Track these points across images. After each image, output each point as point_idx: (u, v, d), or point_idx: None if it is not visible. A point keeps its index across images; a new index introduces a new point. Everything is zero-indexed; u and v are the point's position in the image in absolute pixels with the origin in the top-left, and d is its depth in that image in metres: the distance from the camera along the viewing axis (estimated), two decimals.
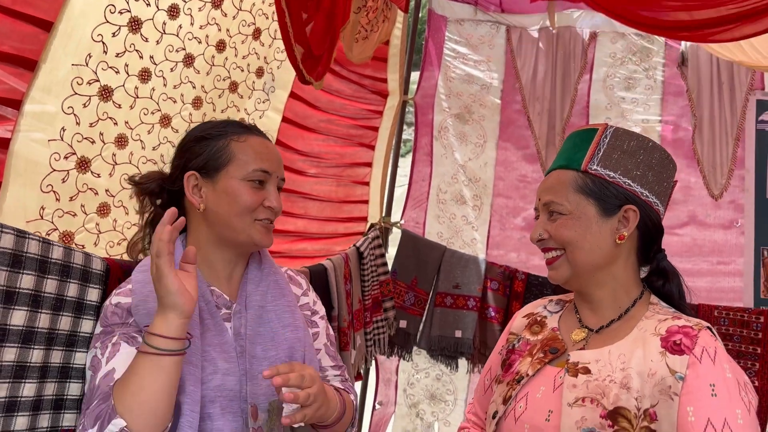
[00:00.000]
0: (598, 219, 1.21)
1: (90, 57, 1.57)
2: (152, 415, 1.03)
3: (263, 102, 2.33)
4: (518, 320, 1.42)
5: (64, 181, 1.55)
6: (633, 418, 1.09)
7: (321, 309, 1.47)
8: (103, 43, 1.60)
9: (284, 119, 2.48)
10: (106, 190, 1.70)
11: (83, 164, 1.61)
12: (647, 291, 1.27)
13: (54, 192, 1.52)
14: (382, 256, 3.15)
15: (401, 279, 3.31)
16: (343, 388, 1.44)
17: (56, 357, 1.11)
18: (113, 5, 1.59)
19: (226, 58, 2.06)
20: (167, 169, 1.37)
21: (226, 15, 1.98)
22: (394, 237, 3.39)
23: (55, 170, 1.53)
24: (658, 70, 3.27)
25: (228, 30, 2.01)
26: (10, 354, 1.02)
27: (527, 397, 1.22)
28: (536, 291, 3.24)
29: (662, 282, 1.27)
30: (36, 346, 1.07)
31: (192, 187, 1.27)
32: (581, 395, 1.14)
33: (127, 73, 1.69)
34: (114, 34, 1.61)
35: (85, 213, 1.63)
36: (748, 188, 3.03)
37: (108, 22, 1.59)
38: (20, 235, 1.02)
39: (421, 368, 3.41)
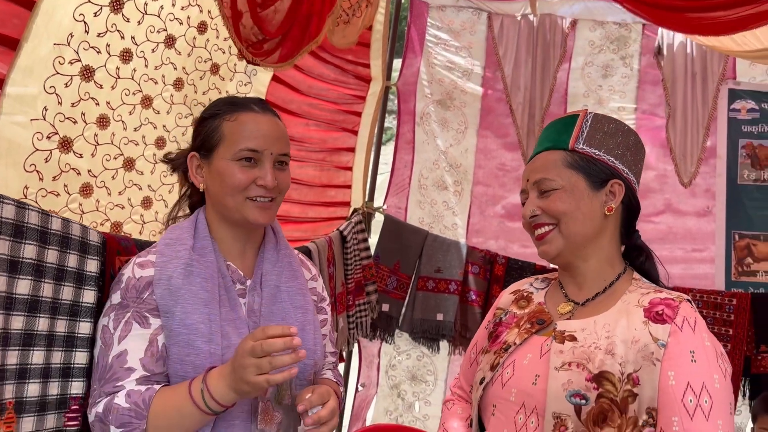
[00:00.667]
0: (588, 192, 1.27)
1: (72, 37, 1.56)
2: None
3: (245, 85, 2.34)
4: (505, 296, 1.47)
5: (47, 161, 1.55)
6: (617, 382, 1.15)
7: (327, 296, 1.51)
8: (85, 22, 1.59)
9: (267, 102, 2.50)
10: (89, 171, 1.71)
11: (65, 144, 1.61)
12: (629, 267, 1.33)
13: (37, 171, 1.52)
14: (365, 240, 3.18)
15: (384, 263, 3.35)
16: (335, 380, 1.48)
17: (61, 326, 1.14)
18: None
19: (208, 40, 2.05)
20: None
21: None
22: (377, 222, 3.43)
23: (38, 149, 1.52)
24: (634, 58, 3.34)
25: (210, 12, 2.01)
26: (18, 322, 1.04)
27: (514, 364, 1.27)
28: (516, 275, 3.30)
29: (642, 258, 1.34)
30: (41, 315, 1.09)
31: (195, 167, 1.30)
32: (567, 360, 1.19)
33: (109, 54, 1.69)
34: (96, 14, 1.61)
35: (68, 193, 1.63)
36: (720, 174, 3.14)
37: (90, 1, 1.58)
38: (20, 206, 1.04)
39: (403, 350, 3.46)
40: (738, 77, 3.26)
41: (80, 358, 1.18)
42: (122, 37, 1.71)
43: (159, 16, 1.81)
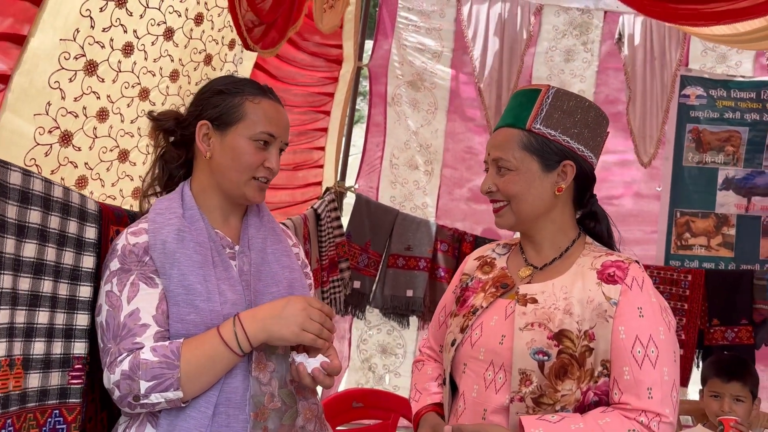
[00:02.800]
0: (540, 174, 1.37)
1: (78, 32, 1.59)
2: (202, 390, 1.23)
3: (232, 74, 2.38)
4: (470, 262, 1.57)
5: (46, 155, 1.59)
6: (575, 339, 1.27)
7: (308, 264, 1.59)
8: (91, 18, 1.61)
9: None
10: (85, 163, 1.74)
11: (66, 138, 1.64)
12: (583, 233, 1.45)
13: (36, 165, 1.56)
14: (338, 218, 3.27)
15: (355, 241, 3.44)
16: None
17: (63, 289, 1.20)
18: None
19: (203, 31, 2.09)
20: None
21: None
22: (348, 201, 3.52)
23: (39, 144, 1.56)
24: (595, 44, 3.48)
25: (206, 3, 2.05)
26: (25, 283, 1.09)
27: (482, 326, 1.38)
28: None
29: (593, 224, 1.46)
30: (46, 278, 1.15)
31: (202, 135, 1.35)
32: (530, 321, 1.31)
33: (112, 48, 1.71)
34: (101, 9, 1.63)
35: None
36: (668, 157, 3.35)
37: None
38: (26, 173, 1.09)
39: (374, 325, 3.57)
40: (690, 64, 3.43)
41: (81, 320, 1.23)
42: (125, 31, 1.74)
43: (159, 9, 1.84)
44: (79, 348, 1.23)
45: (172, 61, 1.98)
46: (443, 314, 1.60)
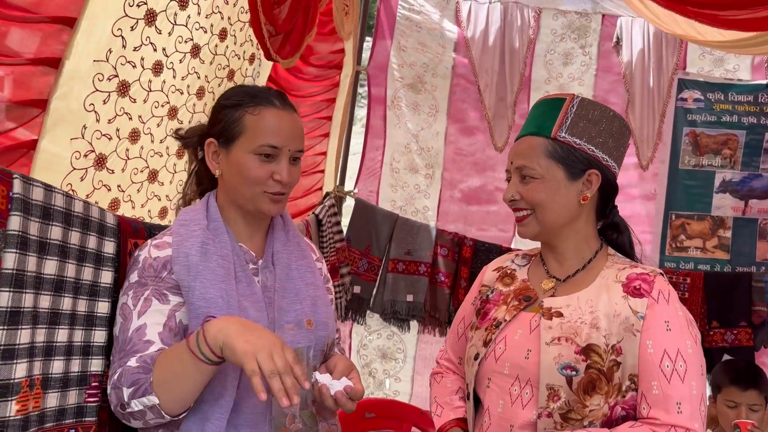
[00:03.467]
0: (566, 182, 1.35)
1: (110, 52, 1.57)
2: (181, 400, 1.15)
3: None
4: (489, 273, 1.55)
5: (82, 179, 1.59)
6: (603, 353, 1.26)
7: (330, 278, 1.56)
8: (123, 37, 1.60)
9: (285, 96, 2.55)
10: (118, 186, 1.74)
11: (100, 161, 1.64)
12: (605, 244, 1.44)
13: (72, 190, 1.56)
14: (338, 223, 3.25)
15: (355, 246, 3.42)
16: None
17: (82, 306, 1.17)
18: None
19: (227, 47, 2.08)
20: None
21: (228, 2, 2.00)
22: (348, 205, 3.49)
23: (75, 169, 1.56)
24: (593, 47, 3.48)
25: (229, 18, 2.03)
26: (45, 301, 1.07)
27: (506, 340, 1.36)
28: (483, 257, 3.42)
29: (616, 235, 1.45)
30: (66, 295, 1.13)
31: (211, 153, 1.33)
32: (557, 335, 1.29)
33: (143, 67, 1.70)
34: (132, 27, 1.62)
35: None
36: (664, 160, 3.36)
37: (127, 15, 1.59)
38: (48, 188, 1.07)
39: (374, 330, 3.55)
40: (687, 68, 3.44)
41: (99, 336, 1.21)
42: (155, 50, 1.72)
43: (186, 26, 1.83)
44: (96, 365, 1.21)
45: (199, 78, 1.97)
46: (462, 326, 1.58)
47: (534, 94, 3.47)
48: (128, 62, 1.65)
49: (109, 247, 1.23)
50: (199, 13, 1.87)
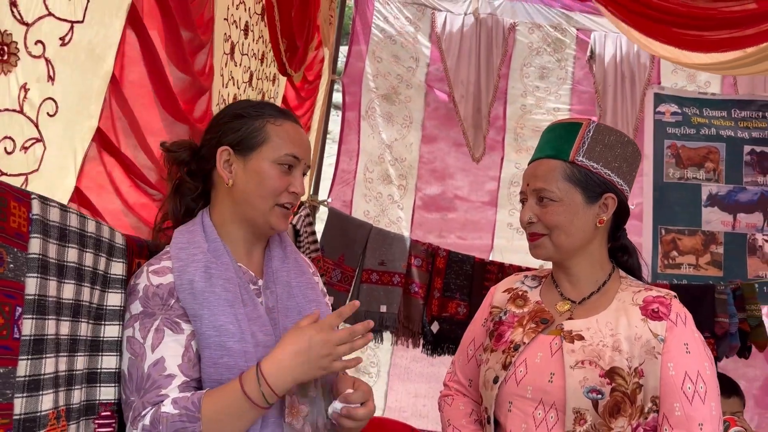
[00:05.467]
0: (583, 205, 1.35)
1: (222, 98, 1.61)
2: None
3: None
4: (498, 295, 1.54)
5: None
6: (626, 376, 1.26)
7: (326, 294, 1.53)
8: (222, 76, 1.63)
9: None
10: None
11: None
12: (616, 267, 1.44)
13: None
14: (314, 233, 3.18)
15: (328, 256, 3.36)
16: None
17: (93, 331, 1.10)
18: (225, 33, 1.62)
19: (263, 70, 2.11)
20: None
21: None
22: (321, 215, 3.43)
23: None
24: (569, 61, 3.54)
25: (267, 39, 2.05)
26: (65, 328, 1.01)
27: (526, 363, 1.34)
28: (456, 267, 3.42)
29: (626, 257, 1.46)
30: (82, 320, 1.06)
31: (224, 161, 1.27)
32: (580, 358, 1.28)
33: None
34: (225, 65, 1.69)
35: None
36: (647, 173, 3.40)
37: (223, 52, 1.63)
38: (63, 208, 1.00)
39: None
40: (662, 82, 3.54)
41: (108, 362, 1.14)
42: (233, 83, 1.76)
43: (247, 55, 1.86)
44: (105, 393, 1.12)
45: None
46: (473, 347, 1.55)
47: (510, 107, 3.50)
48: (223, 101, 1.68)
49: (118, 268, 1.15)
50: (255, 40, 1.92)
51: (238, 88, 1.81)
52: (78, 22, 1.19)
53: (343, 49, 3.53)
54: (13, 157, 1.08)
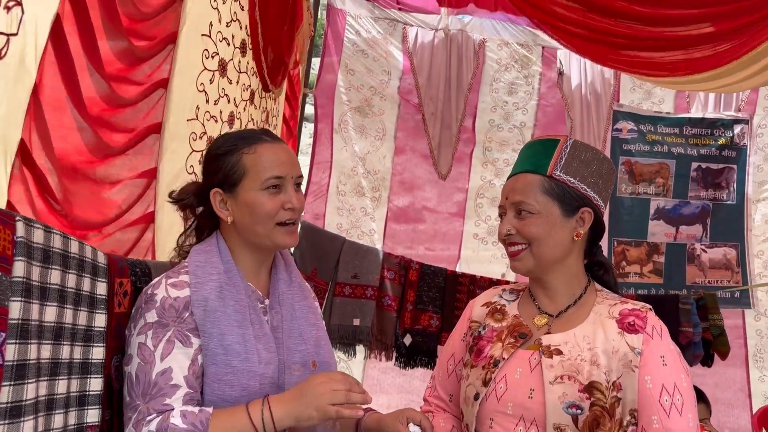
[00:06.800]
0: (561, 219, 1.39)
1: (198, 109, 1.57)
2: None
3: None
4: (477, 309, 1.55)
5: None
6: (605, 390, 1.28)
7: (322, 318, 1.58)
8: (205, 92, 1.59)
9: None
10: None
11: None
12: (591, 280, 1.47)
13: None
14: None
15: (301, 270, 3.29)
16: None
17: (78, 353, 1.10)
18: (207, 49, 1.58)
19: (259, 86, 2.11)
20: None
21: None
22: None
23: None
24: (535, 78, 3.62)
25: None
26: (47, 351, 1.00)
27: (506, 379, 1.36)
28: (429, 280, 3.44)
29: (602, 272, 1.49)
30: (64, 342, 1.06)
31: (218, 202, 1.33)
32: (559, 373, 1.30)
33: (222, 120, 1.70)
34: (210, 80, 1.61)
35: None
36: None
37: (205, 68, 1.58)
38: (47, 229, 1.00)
39: None
40: (621, 100, 3.65)
41: (95, 384, 1.15)
42: (228, 101, 1.73)
43: (246, 73, 1.84)
44: (92, 416, 1.13)
45: (254, 125, 2.04)
46: (452, 362, 1.56)
47: (479, 121, 3.55)
48: (212, 117, 1.66)
49: (101, 288, 1.16)
50: (252, 57, 1.91)
51: (236, 106, 1.79)
52: (13, 35, 1.20)
53: (315, 62, 3.54)
54: None
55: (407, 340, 3.37)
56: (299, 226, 1.38)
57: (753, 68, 2.31)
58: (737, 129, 3.60)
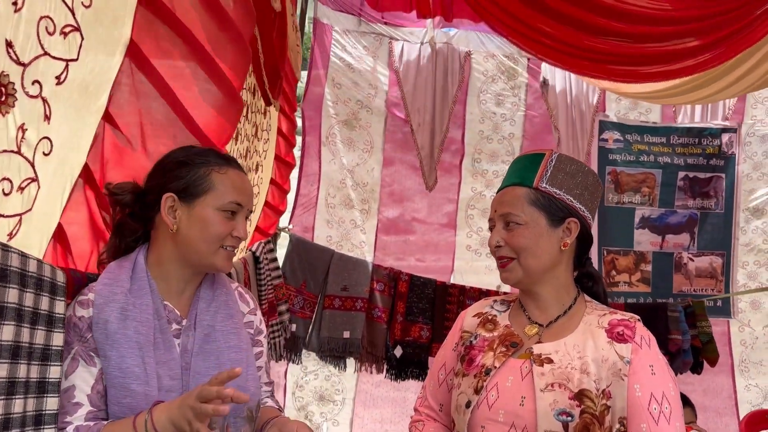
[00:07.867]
0: (547, 229, 1.41)
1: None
2: None
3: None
4: (468, 319, 1.56)
5: None
6: (595, 398, 1.29)
7: (264, 329, 1.55)
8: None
9: None
10: None
11: None
12: (581, 291, 1.49)
13: None
14: (275, 259, 3.16)
15: (290, 283, 3.34)
16: (277, 407, 1.53)
17: (35, 372, 1.11)
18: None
19: (255, 104, 2.15)
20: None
21: None
22: (282, 242, 3.41)
23: None
24: (522, 89, 3.65)
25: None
26: (3, 370, 1.01)
27: (497, 387, 1.37)
28: (418, 291, 3.45)
29: (591, 283, 1.51)
30: (21, 361, 1.06)
31: (168, 207, 1.30)
32: (550, 381, 1.31)
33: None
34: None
35: None
36: None
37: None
38: (5, 248, 1.01)
39: (310, 370, 3.47)
40: (606, 110, 3.69)
41: (51, 404, 1.14)
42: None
43: (245, 88, 1.85)
44: None
45: (248, 139, 2.12)
46: (443, 372, 1.57)
47: (468, 133, 3.58)
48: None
49: (60, 307, 1.17)
50: (253, 72, 1.94)
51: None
52: (73, 60, 1.21)
53: (302, 75, 3.55)
54: (10, 198, 1.08)
55: (398, 351, 3.37)
56: (235, 253, 1.38)
57: (733, 75, 2.35)
58: (725, 138, 3.64)
